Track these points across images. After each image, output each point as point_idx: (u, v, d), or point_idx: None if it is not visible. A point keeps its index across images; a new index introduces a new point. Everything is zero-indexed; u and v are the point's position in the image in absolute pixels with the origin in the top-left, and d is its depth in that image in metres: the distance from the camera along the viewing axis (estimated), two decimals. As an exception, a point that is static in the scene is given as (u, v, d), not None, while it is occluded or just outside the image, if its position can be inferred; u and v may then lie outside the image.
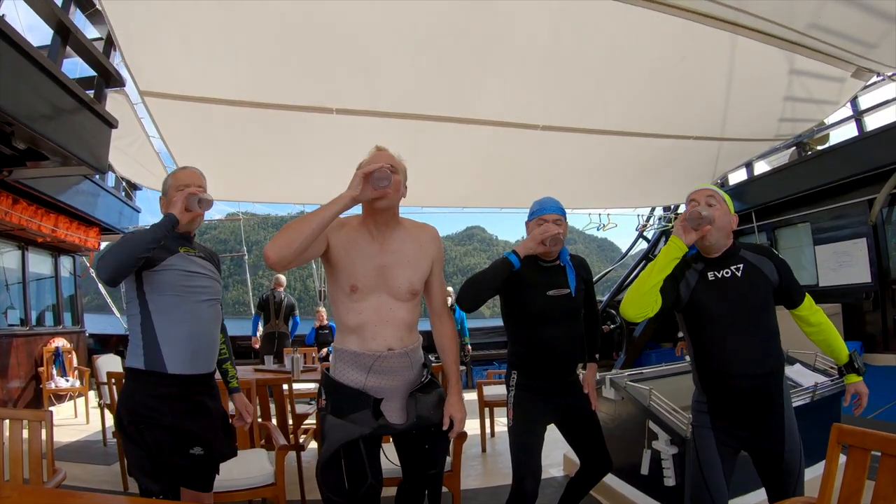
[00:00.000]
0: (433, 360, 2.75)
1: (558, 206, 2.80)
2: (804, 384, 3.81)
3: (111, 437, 5.45)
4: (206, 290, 2.47)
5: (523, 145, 6.07)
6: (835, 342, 2.41)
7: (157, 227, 2.27)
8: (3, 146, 4.33)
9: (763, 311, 2.30)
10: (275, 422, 4.16)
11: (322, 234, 2.08)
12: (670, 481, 3.14)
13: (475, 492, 4.19)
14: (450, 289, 7.04)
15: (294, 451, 4.18)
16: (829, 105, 6.48)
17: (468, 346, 9.25)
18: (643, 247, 12.96)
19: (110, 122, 5.08)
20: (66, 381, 7.73)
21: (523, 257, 2.63)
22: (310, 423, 4.98)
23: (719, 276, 2.35)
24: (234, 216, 11.89)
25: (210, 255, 2.61)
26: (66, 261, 9.07)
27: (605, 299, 11.87)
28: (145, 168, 7.35)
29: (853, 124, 8.27)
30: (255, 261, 12.26)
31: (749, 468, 2.42)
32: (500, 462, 5.00)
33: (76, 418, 7.12)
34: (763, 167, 9.78)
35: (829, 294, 8.34)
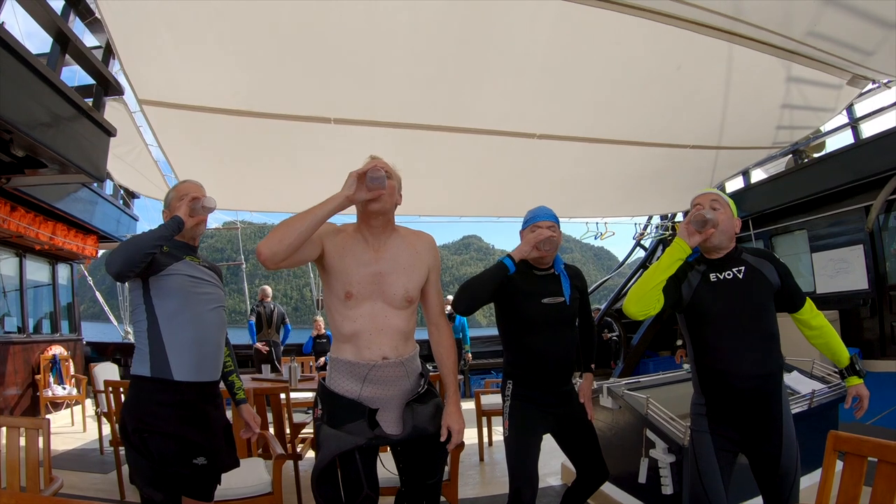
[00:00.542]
0: (431, 369, 2.75)
1: (551, 214, 2.83)
2: (802, 391, 3.82)
3: (108, 446, 5.43)
4: (211, 297, 2.49)
5: (520, 154, 6.08)
6: (836, 345, 2.44)
7: (163, 226, 2.32)
8: (1, 153, 4.33)
9: (763, 312, 2.32)
10: (272, 431, 4.15)
11: (316, 237, 2.09)
12: (668, 490, 3.13)
13: (473, 501, 4.18)
14: (449, 297, 7.04)
15: (292, 461, 4.17)
16: (826, 112, 6.50)
17: (468, 355, 9.24)
18: (640, 255, 12.97)
19: (109, 131, 5.09)
20: (63, 388, 7.73)
21: (518, 261, 2.65)
22: (307, 433, 4.96)
23: (721, 277, 2.38)
24: (231, 225, 11.89)
25: (212, 266, 2.64)
26: (63, 268, 9.06)
27: (603, 308, 11.86)
28: (143, 176, 7.35)
29: (849, 132, 8.30)
30: (251, 269, 12.24)
31: (747, 475, 2.42)
32: (497, 471, 5.00)
33: (73, 426, 7.10)
34: (760, 175, 9.80)
35: (827, 301, 8.34)
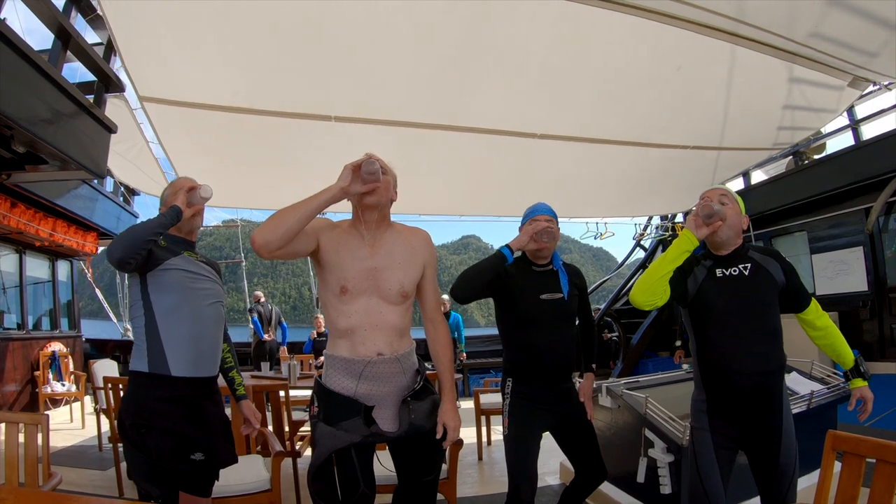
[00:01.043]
0: (429, 367, 2.76)
1: (550, 209, 2.84)
2: (801, 392, 3.82)
3: (107, 443, 5.43)
4: (209, 292, 2.49)
5: (520, 154, 6.08)
6: (840, 346, 2.44)
7: (162, 215, 2.31)
8: (2, 149, 4.33)
9: (768, 310, 2.32)
10: (271, 428, 4.15)
11: (311, 230, 2.11)
12: (666, 489, 3.14)
13: (471, 500, 4.18)
14: (444, 297, 7.04)
15: (290, 458, 4.18)
16: (828, 113, 6.51)
17: (462, 354, 9.25)
18: (640, 256, 12.97)
19: (109, 127, 5.08)
20: (63, 385, 7.73)
21: (515, 252, 2.66)
22: (306, 430, 4.95)
23: (727, 273, 2.38)
24: (230, 223, 11.91)
25: (210, 262, 2.63)
26: (63, 265, 9.06)
27: (602, 308, 11.87)
28: (144, 173, 7.34)
29: (849, 133, 8.30)
30: (250, 268, 12.26)
31: (746, 474, 2.42)
32: (496, 470, 5.00)
33: (72, 423, 7.10)
34: (760, 176, 9.80)
35: (826, 302, 8.31)
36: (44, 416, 2.48)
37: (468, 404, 5.94)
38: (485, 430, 5.69)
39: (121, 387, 4.31)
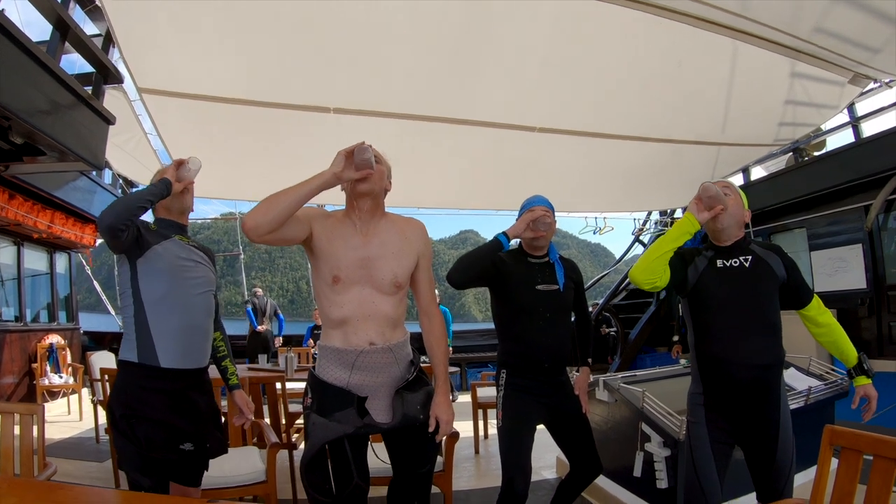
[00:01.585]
0: (424, 361, 2.75)
1: (546, 201, 2.85)
2: (798, 388, 3.82)
3: (104, 434, 5.44)
4: (200, 280, 2.47)
5: (519, 147, 6.05)
6: (843, 344, 2.42)
7: (153, 185, 2.35)
8: (0, 141, 4.32)
9: (767, 303, 2.32)
10: (268, 420, 4.15)
11: (304, 217, 2.10)
12: (663, 483, 3.14)
13: (467, 493, 4.19)
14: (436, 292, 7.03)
15: (286, 450, 4.18)
16: (829, 109, 6.47)
17: (449, 349, 9.23)
18: (637, 252, 12.96)
19: (108, 119, 5.07)
20: (60, 377, 7.73)
21: (511, 239, 2.67)
22: (302, 423, 4.97)
23: (727, 264, 2.37)
24: (228, 216, 11.89)
25: (203, 248, 2.61)
26: (61, 257, 9.05)
27: (600, 303, 11.86)
28: (142, 165, 7.32)
29: (850, 130, 8.29)
30: (248, 261, 12.25)
31: (743, 470, 2.42)
32: (492, 464, 5.00)
33: (69, 415, 7.11)
34: (760, 173, 9.79)
35: (825, 300, 8.14)
36: (39, 406, 2.48)
37: (465, 398, 5.94)
38: (482, 423, 5.70)
39: (116, 378, 4.31)
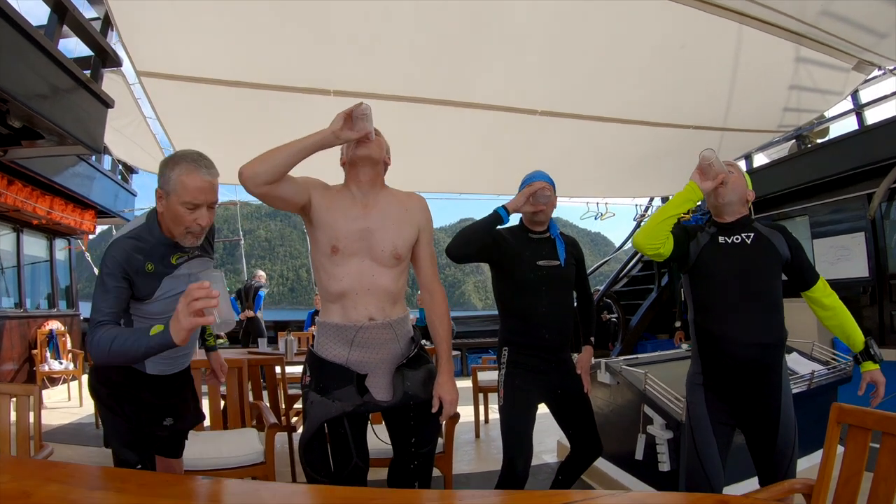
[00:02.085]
0: (427, 344, 2.74)
1: (547, 176, 2.83)
2: (801, 372, 3.79)
3: (104, 419, 5.43)
4: None
5: (520, 131, 6.01)
6: (850, 328, 2.35)
7: (151, 345, 1.78)
8: (-2, 125, 4.31)
9: (769, 281, 2.28)
10: (267, 402, 4.15)
11: (304, 183, 2.10)
12: (665, 466, 3.12)
13: (467, 476, 4.19)
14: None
15: (286, 432, 4.18)
16: (833, 95, 6.42)
17: (452, 326, 9.29)
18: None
19: (107, 102, 5.05)
20: (60, 363, 7.71)
21: (511, 212, 2.65)
22: (301, 406, 4.96)
23: (729, 241, 2.35)
24: (229, 203, 11.81)
25: (202, 248, 2.31)
26: (61, 244, 9.04)
27: (602, 289, 11.85)
28: (142, 149, 7.29)
29: (853, 118, 8.25)
30: (248, 249, 12.21)
31: (744, 455, 2.39)
32: (493, 448, 5.02)
33: (69, 401, 7.12)
34: (762, 160, 9.76)
35: (827, 288, 8.31)
36: (35, 387, 2.45)
37: (466, 383, 5.93)
38: (482, 408, 5.70)
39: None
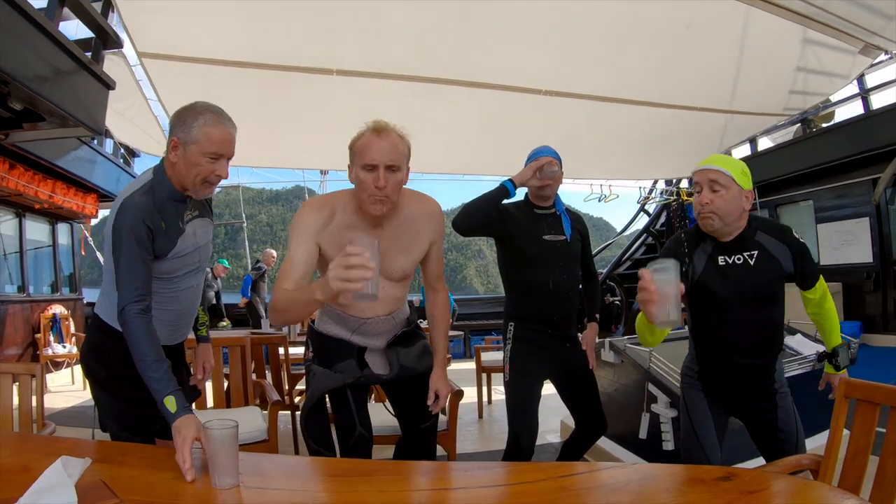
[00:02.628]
0: (422, 322, 2.74)
1: (554, 151, 2.79)
2: (805, 353, 3.77)
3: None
4: (200, 260, 2.20)
5: (525, 110, 5.99)
6: (831, 328, 2.30)
7: (157, 398, 1.75)
8: (-1, 108, 4.29)
9: (771, 303, 2.15)
10: (270, 380, 4.16)
11: (311, 245, 1.96)
12: (669, 445, 3.11)
13: (470, 455, 4.19)
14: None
15: (289, 410, 4.19)
16: (839, 79, 6.38)
17: (450, 321, 9.34)
18: (638, 227, 12.93)
19: (108, 84, 5.02)
20: (64, 347, 7.73)
21: (518, 186, 2.64)
22: (304, 385, 4.98)
23: (729, 261, 2.13)
24: (231, 187, 11.77)
25: (202, 208, 2.23)
26: (63, 228, 9.03)
27: (605, 271, 11.86)
28: (144, 131, 7.29)
29: (859, 102, 8.21)
30: (249, 234, 12.19)
31: (744, 436, 2.38)
32: (496, 428, 5.03)
33: (73, 385, 7.13)
34: (767, 143, 9.72)
35: (831, 273, 8.28)
36: (37, 366, 2.44)
37: (469, 364, 5.95)
38: (485, 388, 5.70)
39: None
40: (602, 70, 5.48)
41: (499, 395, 5.67)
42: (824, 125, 8.78)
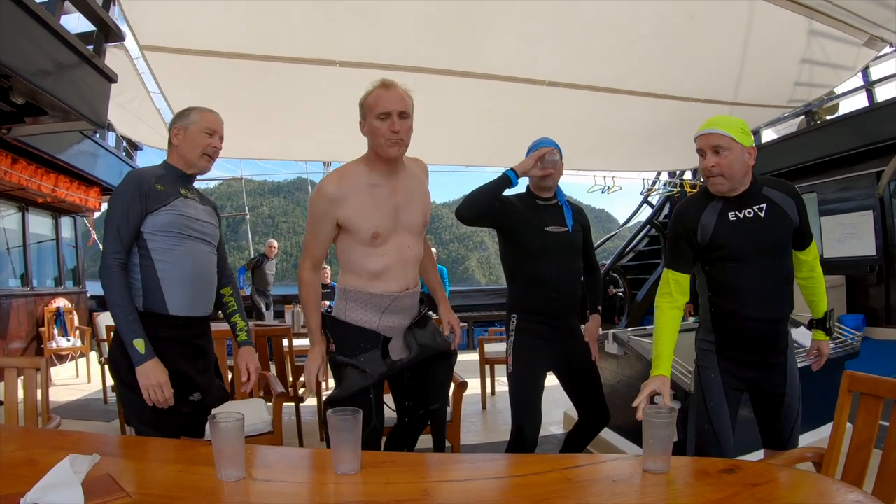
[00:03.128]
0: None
1: (554, 142, 2.80)
2: (807, 345, 3.77)
3: (112, 394, 5.47)
4: (206, 234, 2.35)
5: (528, 101, 5.95)
6: (820, 294, 2.36)
7: (127, 339, 2.08)
8: (0, 102, 4.28)
9: (782, 253, 2.21)
10: (274, 372, 4.18)
11: (330, 223, 2.17)
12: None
13: (474, 447, 4.20)
14: (433, 250, 7.12)
15: (293, 402, 4.20)
16: (844, 70, 6.34)
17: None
18: (641, 218, 12.93)
19: (110, 77, 5.02)
20: (68, 340, 7.76)
21: (520, 175, 2.66)
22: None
23: (740, 215, 2.18)
24: (233, 179, 11.77)
25: (208, 200, 2.47)
26: (66, 221, 9.05)
27: (608, 263, 11.86)
28: (146, 124, 7.27)
29: (863, 95, 8.18)
30: (251, 226, 12.19)
31: (752, 427, 2.39)
32: (499, 419, 5.05)
33: (77, 378, 7.18)
34: (770, 135, 9.69)
35: (834, 266, 8.28)
36: (42, 359, 2.44)
37: (473, 356, 5.95)
38: (489, 380, 5.73)
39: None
40: (605, 61, 5.45)
41: (502, 386, 5.69)
42: (828, 117, 8.76)
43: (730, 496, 1.37)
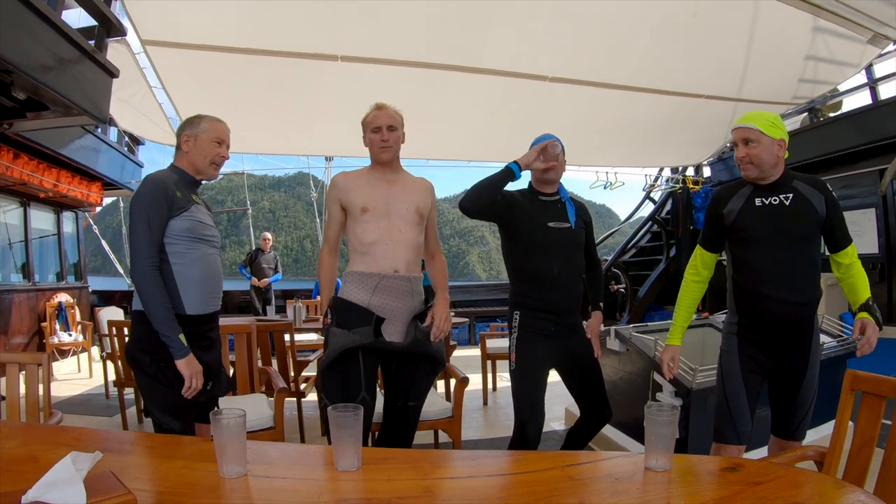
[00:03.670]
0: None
1: (557, 139, 2.79)
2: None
3: (113, 389, 5.47)
4: (215, 237, 2.50)
5: (531, 97, 5.96)
6: (861, 286, 2.37)
7: (167, 334, 2.18)
8: (2, 97, 4.26)
9: (807, 242, 2.31)
10: (276, 367, 4.18)
11: (337, 207, 2.62)
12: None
13: (475, 442, 4.21)
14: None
15: (294, 397, 4.20)
16: (848, 67, 6.33)
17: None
18: (643, 214, 12.90)
19: (111, 72, 5.00)
20: (70, 335, 7.75)
21: (523, 168, 2.67)
22: (310, 373, 5.00)
23: (767, 202, 2.34)
24: (234, 174, 11.72)
25: (205, 204, 2.57)
26: (68, 216, 9.03)
27: (610, 259, 11.84)
28: (148, 119, 7.25)
29: (866, 92, 8.13)
30: (252, 221, 12.17)
31: (759, 424, 2.41)
32: (501, 415, 5.04)
33: (79, 373, 7.19)
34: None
35: (836, 263, 8.24)
36: (44, 355, 2.44)
37: (474, 351, 5.94)
38: (490, 376, 5.69)
39: (125, 330, 4.33)
40: (609, 57, 5.44)
41: (504, 382, 5.67)
42: (831, 115, 8.71)
43: (732, 494, 1.37)
